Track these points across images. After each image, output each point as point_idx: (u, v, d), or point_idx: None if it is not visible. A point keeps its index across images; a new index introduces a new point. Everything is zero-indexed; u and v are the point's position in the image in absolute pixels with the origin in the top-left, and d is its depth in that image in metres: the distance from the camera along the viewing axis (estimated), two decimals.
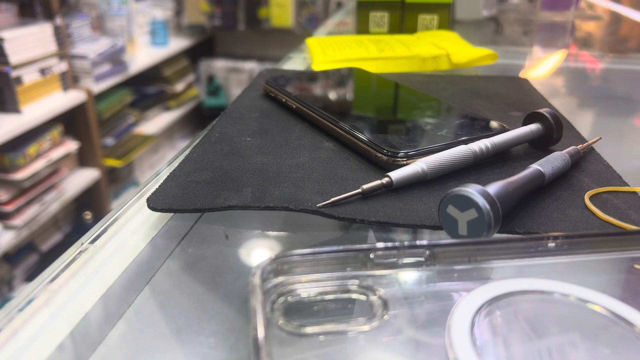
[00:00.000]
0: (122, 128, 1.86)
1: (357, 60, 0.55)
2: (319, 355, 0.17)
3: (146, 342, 0.21)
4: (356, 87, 0.46)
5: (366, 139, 0.32)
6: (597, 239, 0.22)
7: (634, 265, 0.21)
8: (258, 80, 0.48)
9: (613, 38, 0.92)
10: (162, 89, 2.15)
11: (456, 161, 0.29)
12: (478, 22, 0.92)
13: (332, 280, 0.20)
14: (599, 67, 0.67)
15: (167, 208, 0.26)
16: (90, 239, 0.26)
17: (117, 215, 0.28)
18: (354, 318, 0.18)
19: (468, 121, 0.36)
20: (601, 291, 0.19)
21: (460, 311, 0.18)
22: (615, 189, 0.28)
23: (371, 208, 0.26)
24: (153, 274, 0.24)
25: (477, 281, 0.20)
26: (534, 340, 0.18)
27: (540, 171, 0.27)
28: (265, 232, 0.28)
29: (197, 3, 2.25)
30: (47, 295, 0.22)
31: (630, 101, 0.53)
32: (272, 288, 0.19)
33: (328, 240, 0.27)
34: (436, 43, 0.59)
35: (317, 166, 0.31)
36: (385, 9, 0.70)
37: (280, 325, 0.18)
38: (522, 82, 0.50)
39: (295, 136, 0.35)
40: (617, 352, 0.18)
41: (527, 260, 0.21)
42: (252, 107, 0.41)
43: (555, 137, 0.33)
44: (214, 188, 0.28)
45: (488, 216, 0.22)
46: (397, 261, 0.20)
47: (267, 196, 0.27)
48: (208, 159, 0.31)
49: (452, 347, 0.17)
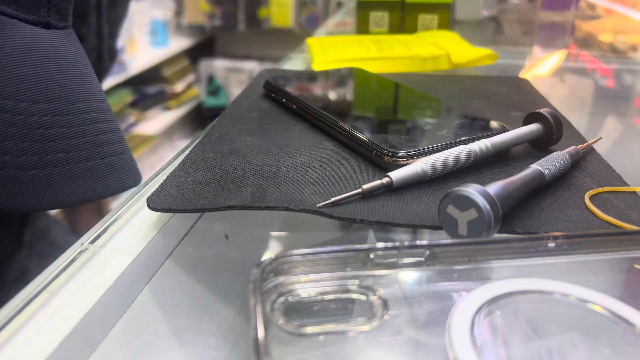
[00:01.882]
0: (122, 128, 1.85)
1: (357, 60, 0.55)
2: (319, 355, 0.17)
3: (146, 342, 0.21)
4: (356, 87, 0.46)
5: (366, 139, 0.32)
6: (597, 239, 0.22)
7: (634, 265, 0.21)
8: (258, 80, 0.48)
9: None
10: (162, 89, 2.15)
11: (456, 161, 0.29)
12: (478, 22, 0.92)
13: (332, 280, 0.20)
14: (599, 67, 0.67)
15: (167, 208, 0.26)
16: (90, 239, 0.26)
17: (117, 215, 0.28)
18: (354, 318, 0.18)
19: (468, 121, 0.36)
20: (601, 291, 0.19)
21: (460, 311, 0.18)
22: (615, 189, 0.28)
23: (371, 208, 0.26)
24: (153, 274, 0.24)
25: (477, 281, 0.20)
26: (534, 340, 0.18)
27: (540, 171, 0.27)
28: (265, 232, 0.28)
29: (197, 3, 2.25)
30: (47, 295, 0.22)
31: (630, 101, 0.53)
32: (272, 288, 0.19)
33: (328, 240, 0.27)
34: (436, 43, 0.59)
35: (317, 166, 0.31)
36: (385, 9, 0.70)
37: (280, 325, 0.18)
38: (522, 82, 0.50)
39: (295, 136, 0.35)
40: (617, 352, 0.18)
41: (527, 260, 0.21)
42: (252, 107, 0.41)
43: (555, 137, 0.33)
44: (214, 188, 0.28)
45: (488, 216, 0.22)
46: (397, 261, 0.20)
47: (267, 196, 0.27)
48: (208, 159, 0.31)
49: (452, 347, 0.17)
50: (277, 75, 0.46)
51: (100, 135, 0.32)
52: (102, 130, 0.32)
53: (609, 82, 0.62)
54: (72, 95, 0.31)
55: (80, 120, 0.31)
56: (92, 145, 0.31)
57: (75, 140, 0.30)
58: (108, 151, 0.32)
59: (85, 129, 0.31)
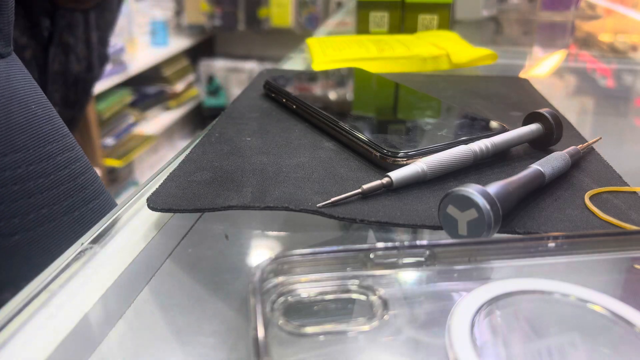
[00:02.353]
0: (122, 128, 1.86)
1: (357, 60, 0.55)
2: (319, 355, 0.17)
3: (146, 342, 0.21)
4: (356, 87, 0.46)
5: (366, 139, 0.32)
6: (597, 239, 0.22)
7: (634, 265, 0.21)
8: (258, 80, 0.48)
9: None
10: (162, 89, 2.15)
11: (456, 161, 0.29)
12: (478, 22, 0.92)
13: (332, 280, 0.20)
14: (599, 67, 0.67)
15: (167, 208, 0.26)
16: (90, 239, 0.26)
17: (117, 215, 0.28)
18: (354, 318, 0.18)
19: (468, 121, 0.36)
20: (601, 291, 0.19)
21: (460, 311, 0.18)
22: (615, 189, 0.28)
23: (371, 208, 0.26)
24: (153, 274, 0.24)
25: (477, 281, 0.20)
26: (534, 340, 0.18)
27: (540, 171, 0.27)
28: (265, 232, 0.28)
29: (197, 3, 2.25)
30: (47, 295, 0.22)
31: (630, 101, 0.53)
32: (272, 288, 0.19)
33: (328, 240, 0.27)
34: (436, 43, 0.59)
35: (317, 166, 0.31)
36: (385, 9, 0.70)
37: (280, 325, 0.18)
38: (522, 82, 0.50)
39: (295, 136, 0.35)
40: (617, 352, 0.18)
41: (527, 260, 0.21)
42: (252, 107, 0.41)
43: (555, 137, 0.33)
44: (214, 188, 0.28)
45: (488, 216, 0.22)
46: (397, 261, 0.20)
47: (267, 196, 0.27)
48: (208, 159, 0.31)
49: (452, 347, 0.17)
50: (277, 75, 0.46)
51: (78, 177, 0.29)
52: (79, 171, 0.29)
53: (609, 82, 0.62)
54: (39, 137, 0.27)
55: (55, 165, 0.28)
56: (73, 191, 0.28)
57: (55, 190, 0.27)
58: (89, 195, 0.29)
59: (62, 174, 0.28)
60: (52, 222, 0.27)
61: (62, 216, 0.27)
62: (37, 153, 0.27)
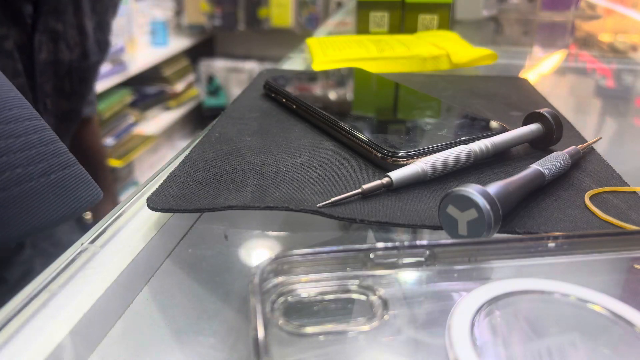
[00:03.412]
0: (122, 128, 1.86)
1: (357, 60, 0.55)
2: (319, 355, 0.17)
3: (146, 342, 0.21)
4: (356, 87, 0.46)
5: (366, 139, 0.32)
6: (597, 239, 0.22)
7: (634, 265, 0.21)
8: (258, 80, 0.48)
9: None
10: (162, 89, 2.15)
11: (456, 161, 0.29)
12: (478, 22, 0.92)
13: (332, 280, 0.20)
14: (599, 67, 0.67)
15: (167, 208, 0.26)
16: (90, 239, 0.26)
17: (117, 215, 0.28)
18: (354, 318, 0.18)
19: (468, 121, 0.36)
20: (601, 291, 0.19)
21: (460, 311, 0.18)
22: (615, 189, 0.28)
23: (371, 208, 0.26)
24: (153, 274, 0.24)
25: (477, 281, 0.20)
26: (534, 340, 0.18)
27: (540, 171, 0.27)
28: (265, 232, 0.28)
29: (197, 3, 2.25)
30: (46, 295, 0.22)
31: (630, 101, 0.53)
32: (272, 288, 0.19)
33: (328, 240, 0.27)
34: (436, 43, 0.59)
35: (317, 166, 0.31)
36: (385, 9, 0.70)
37: (280, 325, 0.18)
38: (522, 82, 0.50)
39: (295, 136, 0.35)
40: (617, 352, 0.18)
41: (527, 260, 0.21)
42: (252, 107, 0.41)
43: (555, 137, 0.33)
44: (214, 188, 0.28)
45: (488, 216, 0.22)
46: (397, 261, 0.20)
47: (267, 196, 0.27)
48: (208, 159, 0.31)
49: (452, 347, 0.17)
50: (277, 76, 0.46)
51: (50, 144, 0.28)
52: (49, 139, 0.28)
53: (609, 82, 0.62)
54: (4, 100, 0.27)
55: (24, 128, 0.27)
56: (46, 155, 0.27)
57: (27, 152, 0.27)
58: (64, 161, 0.28)
59: (32, 137, 0.27)
60: (29, 182, 0.26)
61: (39, 177, 0.27)
62: (3, 115, 0.27)
